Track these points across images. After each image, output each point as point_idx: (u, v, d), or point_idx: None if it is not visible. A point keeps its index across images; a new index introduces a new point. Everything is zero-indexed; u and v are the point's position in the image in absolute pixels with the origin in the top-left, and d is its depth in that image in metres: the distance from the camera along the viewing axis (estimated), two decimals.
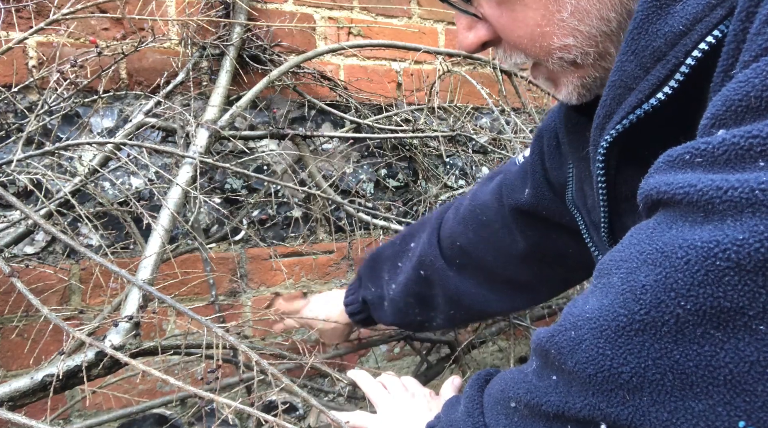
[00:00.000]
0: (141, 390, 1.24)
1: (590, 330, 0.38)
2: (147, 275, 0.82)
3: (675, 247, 0.35)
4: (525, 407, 0.45)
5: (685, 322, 0.34)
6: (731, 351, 0.32)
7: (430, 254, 0.94)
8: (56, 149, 0.77)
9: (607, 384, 0.37)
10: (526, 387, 0.46)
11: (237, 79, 1.26)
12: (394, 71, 1.54)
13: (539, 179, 0.79)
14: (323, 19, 1.45)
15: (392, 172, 1.52)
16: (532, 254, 0.85)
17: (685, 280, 0.34)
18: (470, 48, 0.57)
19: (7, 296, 1.06)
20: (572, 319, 0.40)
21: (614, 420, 0.37)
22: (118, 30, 1.22)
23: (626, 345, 0.36)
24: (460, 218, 0.93)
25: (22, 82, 1.06)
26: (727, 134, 0.34)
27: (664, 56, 0.43)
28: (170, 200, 0.91)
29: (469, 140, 1.53)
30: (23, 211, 0.67)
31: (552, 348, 0.42)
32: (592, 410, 0.38)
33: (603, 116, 0.50)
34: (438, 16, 1.60)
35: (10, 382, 0.68)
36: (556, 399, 0.42)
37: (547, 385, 0.43)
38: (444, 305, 0.95)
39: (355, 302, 1.07)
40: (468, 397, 0.55)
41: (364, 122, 1.39)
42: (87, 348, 0.61)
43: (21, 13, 1.12)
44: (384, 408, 0.75)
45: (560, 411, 0.41)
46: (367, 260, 1.09)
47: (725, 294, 0.32)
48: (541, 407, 0.43)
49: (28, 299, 0.60)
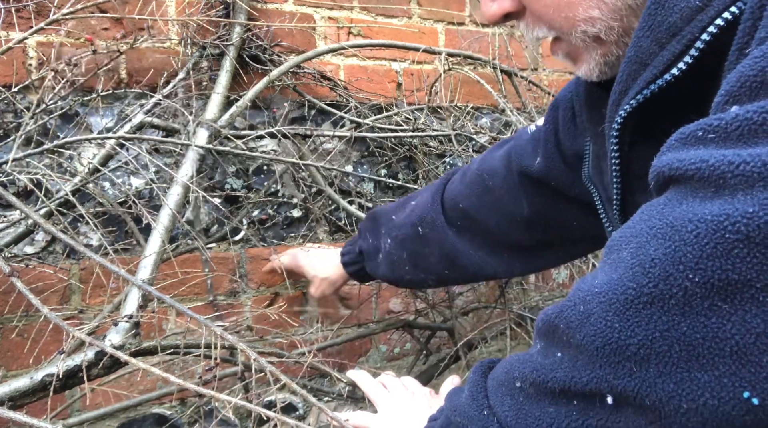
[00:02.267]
0: (141, 390, 1.24)
1: (599, 303, 0.38)
2: (147, 275, 0.82)
3: (685, 221, 0.35)
4: (530, 385, 0.45)
5: (692, 294, 0.34)
6: (738, 323, 0.32)
7: (431, 211, 0.94)
8: (55, 147, 0.76)
9: (614, 356, 0.37)
10: (532, 366, 0.45)
11: (237, 79, 1.26)
12: (394, 71, 1.54)
13: (551, 149, 0.79)
14: (323, 19, 1.45)
15: (392, 172, 1.52)
16: (536, 220, 0.85)
17: (693, 253, 0.34)
18: (493, 18, 0.57)
19: (7, 296, 1.06)
20: (581, 294, 0.40)
21: (621, 391, 0.37)
22: (118, 30, 1.22)
23: (634, 317, 0.36)
24: (466, 182, 0.93)
25: (22, 82, 1.06)
26: (741, 110, 0.34)
27: (680, 32, 0.43)
28: (170, 198, 0.91)
29: (469, 140, 1.53)
30: (23, 211, 0.67)
31: (561, 323, 0.42)
32: (599, 382, 0.38)
33: (619, 92, 0.49)
34: (438, 16, 1.60)
35: (10, 382, 0.68)
36: (561, 375, 0.42)
37: (552, 362, 0.43)
38: (437, 265, 0.95)
39: (351, 253, 1.08)
40: (471, 382, 0.55)
41: (364, 122, 1.39)
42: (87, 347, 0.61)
43: (21, 13, 1.12)
44: (384, 407, 0.75)
45: (566, 386, 0.41)
46: (369, 214, 1.10)
47: (733, 267, 0.32)
48: (547, 384, 0.43)
49: (28, 299, 0.60)
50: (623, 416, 0.38)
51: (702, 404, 0.34)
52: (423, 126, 1.45)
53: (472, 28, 1.64)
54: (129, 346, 0.70)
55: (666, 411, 0.35)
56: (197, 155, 1.00)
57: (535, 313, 1.41)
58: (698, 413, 0.34)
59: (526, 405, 0.46)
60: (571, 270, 1.67)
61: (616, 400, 0.38)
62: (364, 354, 1.49)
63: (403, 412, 0.72)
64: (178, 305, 0.55)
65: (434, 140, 1.51)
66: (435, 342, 1.49)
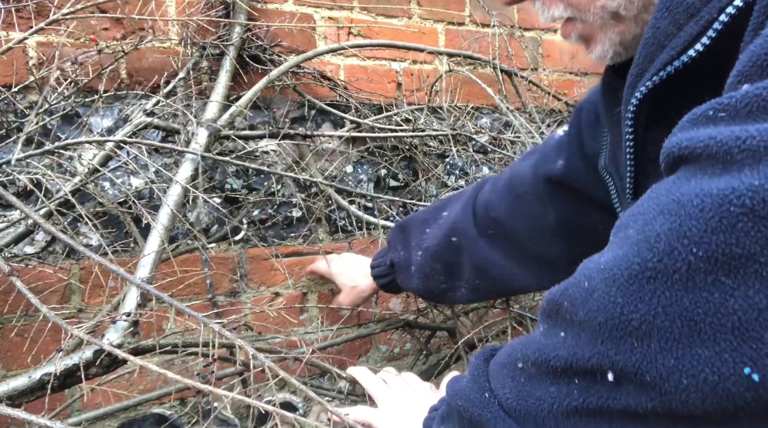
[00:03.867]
0: (141, 389, 1.24)
1: (603, 279, 0.38)
2: (145, 274, 0.82)
3: (691, 196, 0.35)
4: (532, 365, 0.45)
5: (696, 269, 0.33)
6: (740, 299, 0.32)
7: (463, 221, 0.94)
8: (56, 148, 0.77)
9: (616, 332, 0.37)
10: (534, 347, 0.45)
11: (237, 79, 1.27)
12: (394, 71, 1.54)
13: (574, 150, 0.79)
14: (323, 19, 1.45)
15: (392, 172, 1.52)
16: (562, 228, 0.85)
17: (698, 227, 0.33)
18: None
19: (7, 296, 1.06)
20: (587, 272, 0.40)
21: (621, 367, 0.37)
22: (118, 30, 1.22)
23: (638, 292, 0.36)
24: (497, 190, 0.93)
25: (22, 82, 1.07)
26: (751, 88, 0.34)
27: (698, 12, 0.43)
28: (170, 198, 0.91)
29: (469, 140, 1.53)
30: (23, 211, 0.67)
31: (565, 300, 0.42)
32: (600, 358, 0.38)
33: (635, 75, 0.49)
34: (438, 16, 1.60)
35: (8, 381, 0.68)
36: (564, 353, 0.41)
37: (555, 342, 0.42)
38: (470, 275, 0.95)
39: (381, 265, 1.06)
40: (473, 367, 0.54)
41: (364, 122, 1.39)
42: (85, 346, 0.61)
43: (21, 13, 1.12)
44: (385, 402, 0.75)
45: (568, 363, 0.41)
46: (398, 225, 1.09)
47: (737, 241, 0.32)
48: (549, 363, 0.43)
49: (27, 298, 0.60)
50: (624, 393, 0.37)
51: (702, 380, 0.33)
52: (423, 126, 1.45)
53: (472, 28, 1.64)
54: (127, 345, 0.70)
55: (666, 387, 0.35)
56: (195, 159, 1.00)
57: (535, 313, 1.40)
58: (698, 389, 0.34)
59: (527, 385, 0.45)
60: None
61: (616, 377, 0.37)
62: (365, 354, 1.49)
63: (404, 406, 0.72)
64: (177, 303, 0.55)
65: (434, 140, 1.51)
66: (435, 341, 1.49)
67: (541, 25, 1.76)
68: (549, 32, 1.78)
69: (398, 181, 1.53)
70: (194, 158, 0.99)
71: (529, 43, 1.73)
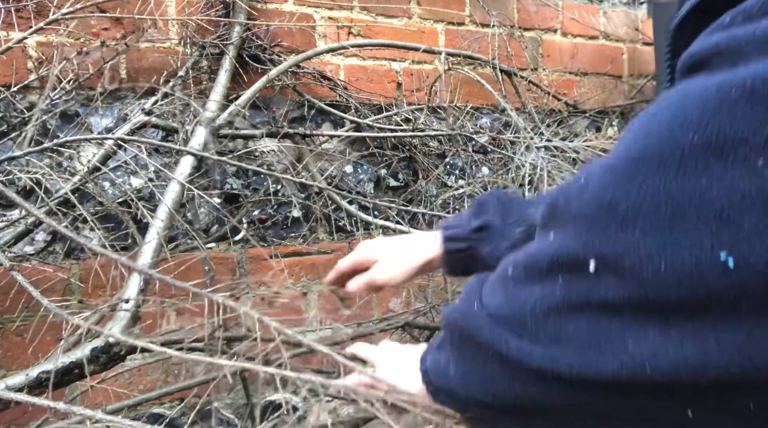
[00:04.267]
0: (141, 389, 1.23)
1: (600, 173, 0.38)
2: (147, 260, 0.82)
3: (696, 88, 0.35)
4: (522, 270, 0.44)
5: (689, 155, 0.34)
6: (726, 184, 0.32)
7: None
8: (54, 146, 0.77)
9: (602, 218, 0.37)
10: (524, 252, 0.44)
11: (236, 79, 1.27)
12: (394, 71, 1.54)
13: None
14: (323, 18, 1.45)
15: (392, 172, 1.52)
16: None
17: (698, 113, 0.33)
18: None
19: (6, 295, 1.06)
20: (588, 171, 0.40)
21: (603, 255, 0.37)
22: (118, 30, 1.22)
23: (630, 180, 0.36)
24: None
25: (21, 82, 1.07)
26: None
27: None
28: (169, 194, 0.91)
29: (469, 140, 1.53)
30: (26, 208, 0.67)
31: (560, 199, 0.41)
32: (584, 247, 0.38)
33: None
34: (438, 16, 1.60)
35: (6, 379, 0.68)
36: (550, 250, 0.41)
37: (544, 243, 0.42)
38: None
39: (459, 227, 0.85)
40: (467, 285, 0.53)
41: (364, 122, 1.38)
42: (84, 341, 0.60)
43: (21, 13, 1.12)
44: (384, 357, 0.71)
45: (553, 259, 0.40)
46: (491, 194, 0.90)
47: (732, 123, 0.32)
48: (536, 263, 0.42)
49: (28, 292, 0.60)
50: (603, 284, 0.37)
51: (680, 265, 0.33)
52: (423, 126, 1.45)
53: (472, 28, 1.64)
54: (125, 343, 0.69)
55: (644, 274, 0.35)
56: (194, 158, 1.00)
57: None
58: (675, 275, 0.34)
59: (514, 292, 0.44)
60: None
61: (597, 267, 0.37)
62: None
63: (404, 351, 0.69)
64: (179, 283, 0.55)
65: (434, 140, 1.51)
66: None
67: (541, 25, 1.76)
68: (549, 32, 1.78)
69: (398, 181, 1.53)
70: (192, 158, 0.99)
71: (529, 43, 1.73)
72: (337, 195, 1.35)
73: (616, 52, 1.89)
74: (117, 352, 0.70)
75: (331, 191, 1.31)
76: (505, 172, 1.54)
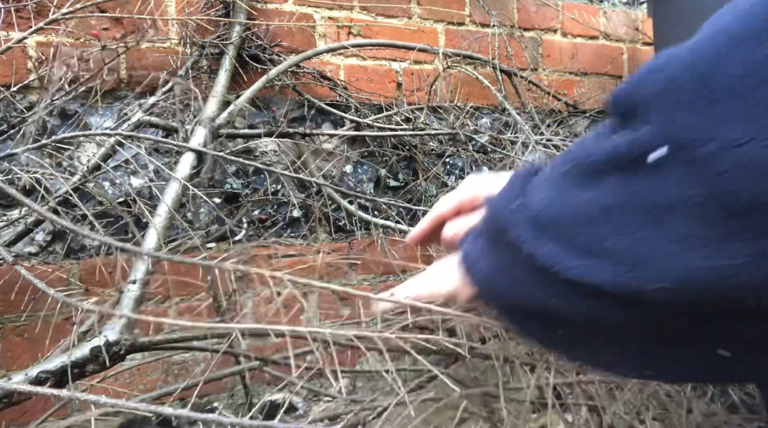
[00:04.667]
0: (141, 389, 1.23)
1: (683, 52, 0.32)
2: (152, 244, 0.82)
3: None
4: (576, 168, 0.38)
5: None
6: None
7: None
8: (53, 142, 0.77)
9: (689, 92, 0.31)
10: (582, 146, 0.38)
11: (236, 79, 1.27)
12: (394, 71, 1.54)
13: None
14: (323, 18, 1.45)
15: (392, 172, 1.52)
16: None
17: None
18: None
19: (7, 296, 1.06)
20: (656, 58, 0.34)
21: (679, 139, 0.31)
22: (118, 30, 1.22)
23: (727, 55, 0.30)
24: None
25: (21, 82, 1.07)
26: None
27: None
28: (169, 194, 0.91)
29: (469, 140, 1.53)
30: (27, 204, 0.67)
31: (625, 88, 0.35)
32: (656, 131, 0.32)
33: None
34: (438, 15, 1.60)
35: (5, 379, 0.68)
36: (609, 146, 0.35)
37: (610, 139, 0.36)
38: None
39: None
40: (512, 175, 0.47)
41: (364, 122, 1.38)
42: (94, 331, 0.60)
43: (21, 13, 1.12)
44: (416, 278, 0.60)
45: (612, 154, 0.34)
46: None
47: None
48: (592, 161, 0.36)
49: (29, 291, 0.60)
50: (666, 181, 0.32)
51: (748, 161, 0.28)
52: (423, 125, 1.45)
53: (472, 28, 1.64)
54: (124, 342, 0.70)
55: (722, 168, 0.29)
56: (194, 155, 1.00)
57: None
58: (745, 171, 0.29)
59: (561, 192, 0.38)
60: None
61: (665, 157, 0.32)
62: (363, 355, 1.48)
63: (437, 266, 0.58)
64: (187, 259, 0.55)
65: (434, 140, 1.51)
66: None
67: (541, 25, 1.76)
68: (549, 32, 1.77)
69: (398, 181, 1.53)
70: (192, 156, 0.99)
71: (528, 43, 1.73)
72: (335, 193, 1.35)
73: (616, 52, 1.89)
74: (117, 351, 0.70)
75: (330, 187, 1.31)
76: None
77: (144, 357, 1.22)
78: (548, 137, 1.38)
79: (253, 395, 1.34)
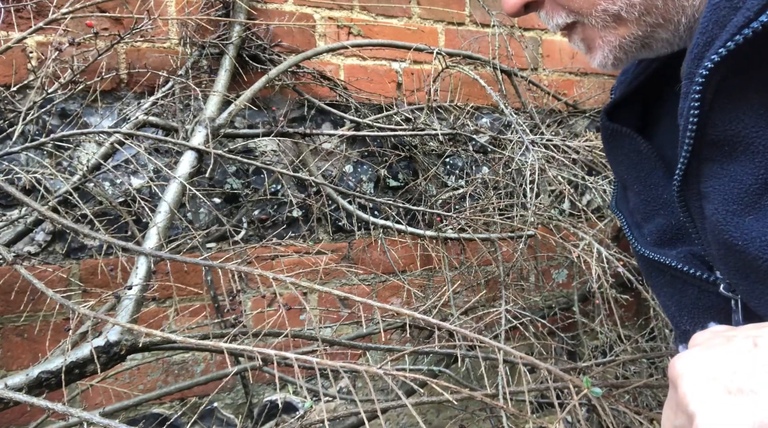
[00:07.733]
0: (141, 389, 1.23)
1: None
2: (153, 243, 0.82)
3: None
4: None
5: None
6: None
7: None
8: (52, 140, 0.76)
9: None
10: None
11: (236, 79, 1.27)
12: (394, 71, 1.54)
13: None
14: (323, 18, 1.45)
15: (392, 172, 1.52)
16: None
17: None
18: (513, 9, 0.55)
19: (7, 296, 1.06)
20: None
21: None
22: (118, 30, 1.22)
23: None
24: None
25: (21, 82, 1.07)
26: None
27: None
28: (169, 193, 0.91)
29: (469, 140, 1.53)
30: (28, 203, 0.67)
31: None
32: None
33: (702, 45, 0.45)
34: (438, 15, 1.60)
35: (6, 379, 0.68)
36: None
37: None
38: None
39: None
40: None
41: (364, 122, 1.38)
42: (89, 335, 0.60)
43: (21, 13, 1.12)
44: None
45: None
46: None
47: None
48: None
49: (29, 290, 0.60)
50: None
51: None
52: (423, 125, 1.45)
53: (472, 28, 1.64)
54: (125, 343, 0.70)
55: None
56: (194, 155, 1.00)
57: (534, 313, 1.40)
58: None
59: None
60: (571, 270, 1.66)
61: None
62: (364, 354, 1.48)
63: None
64: (190, 259, 0.55)
65: (434, 140, 1.51)
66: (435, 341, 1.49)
67: (541, 25, 1.76)
68: (549, 32, 1.77)
69: (398, 181, 1.53)
70: (192, 156, 0.99)
71: (529, 43, 1.73)
72: (335, 192, 1.35)
73: None
74: (117, 352, 0.70)
75: (329, 187, 1.31)
76: (505, 172, 1.54)
77: (144, 357, 1.22)
78: (548, 137, 1.38)
79: (253, 395, 1.34)
